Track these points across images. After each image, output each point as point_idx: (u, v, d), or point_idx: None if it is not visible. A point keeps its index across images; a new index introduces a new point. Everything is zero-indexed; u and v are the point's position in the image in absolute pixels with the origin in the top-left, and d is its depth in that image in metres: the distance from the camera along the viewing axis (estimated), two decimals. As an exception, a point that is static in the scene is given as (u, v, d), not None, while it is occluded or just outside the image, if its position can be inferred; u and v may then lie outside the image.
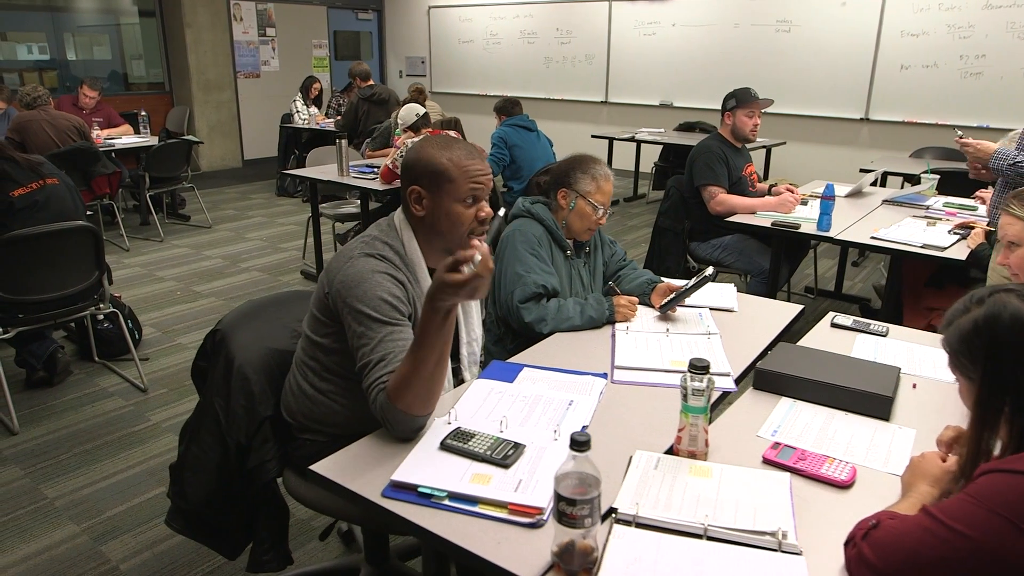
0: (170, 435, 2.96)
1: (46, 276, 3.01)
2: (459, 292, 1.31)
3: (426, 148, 1.64)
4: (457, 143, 1.66)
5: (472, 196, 1.63)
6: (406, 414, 1.43)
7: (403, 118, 4.29)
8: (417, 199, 1.64)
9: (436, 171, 1.61)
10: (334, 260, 1.64)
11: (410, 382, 1.40)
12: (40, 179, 3.03)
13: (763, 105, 3.78)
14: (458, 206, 1.62)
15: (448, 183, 1.61)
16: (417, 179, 1.64)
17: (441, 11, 10.03)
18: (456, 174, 1.61)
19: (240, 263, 5.26)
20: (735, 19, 7.76)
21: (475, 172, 1.62)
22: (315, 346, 1.69)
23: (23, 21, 8.11)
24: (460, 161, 1.61)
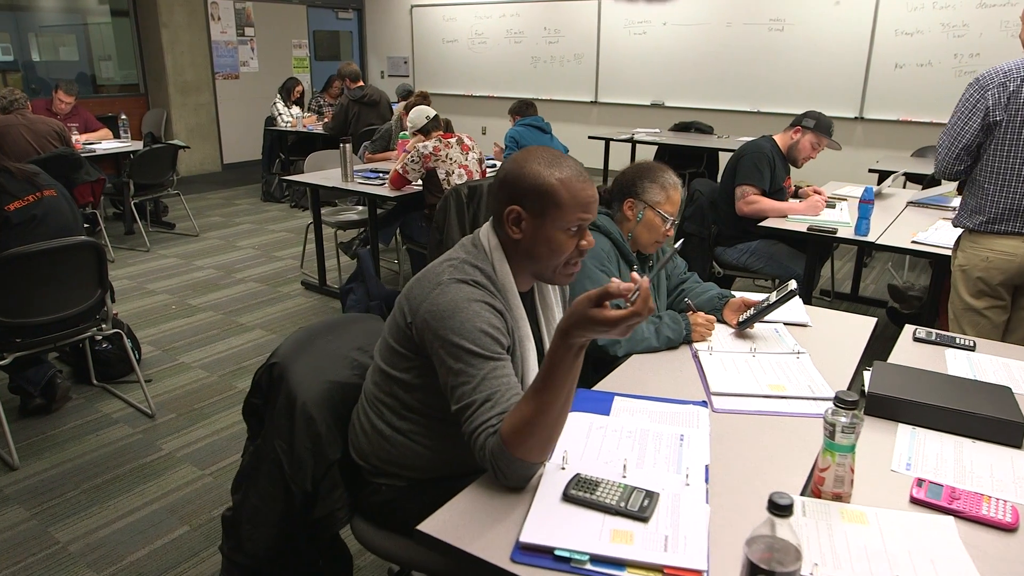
0: (187, 465, 2.74)
1: (46, 297, 2.77)
2: (609, 331, 1.15)
3: (532, 164, 1.45)
4: (565, 160, 1.48)
5: (578, 225, 1.45)
6: (524, 462, 1.26)
7: (412, 121, 4.10)
8: (515, 220, 1.46)
9: (543, 192, 1.42)
10: (415, 286, 1.46)
11: (533, 427, 1.23)
12: (37, 191, 2.79)
13: (831, 146, 3.67)
14: (561, 235, 1.44)
15: (555, 208, 1.42)
16: (519, 198, 1.45)
17: (424, 10, 9.82)
18: (565, 199, 1.42)
19: (234, 273, 5.02)
20: (727, 18, 7.69)
21: (586, 200, 1.44)
22: (392, 381, 1.51)
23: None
24: (572, 184, 1.43)
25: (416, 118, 4.09)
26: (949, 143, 2.51)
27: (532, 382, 1.29)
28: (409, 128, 4.12)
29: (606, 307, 1.15)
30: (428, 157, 3.89)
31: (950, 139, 2.50)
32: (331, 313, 4.26)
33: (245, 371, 3.53)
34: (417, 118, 4.09)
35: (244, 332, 4.00)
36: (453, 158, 3.93)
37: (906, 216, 3.70)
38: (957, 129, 2.48)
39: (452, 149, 3.94)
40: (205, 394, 3.30)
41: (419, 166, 3.91)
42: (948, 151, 2.52)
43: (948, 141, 2.51)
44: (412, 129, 4.10)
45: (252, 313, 4.28)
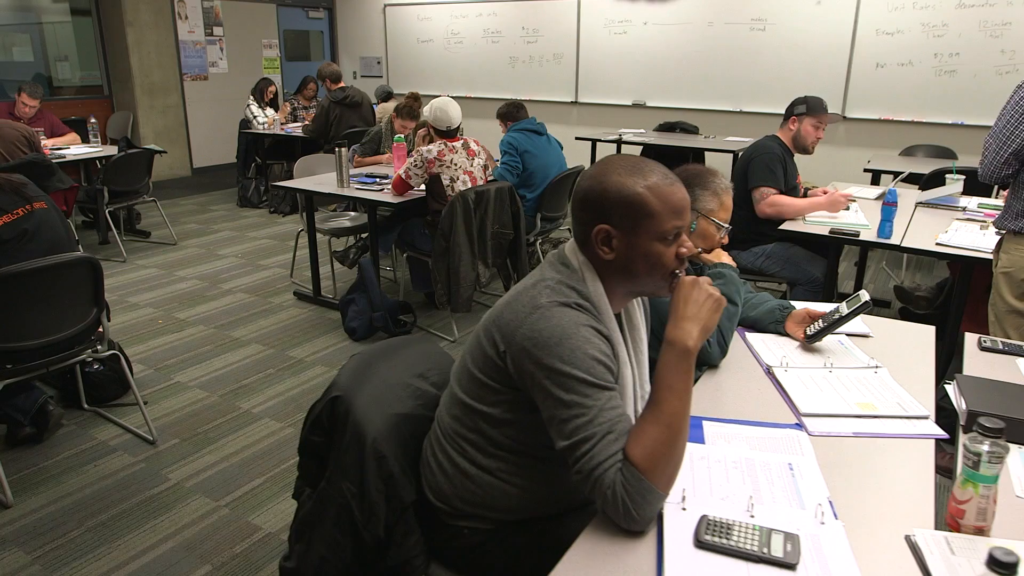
0: (198, 496, 2.55)
1: (39, 318, 2.55)
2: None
3: (612, 176, 1.32)
4: (646, 164, 1.36)
5: (675, 232, 1.33)
6: (659, 493, 1.17)
7: (437, 118, 3.84)
8: (605, 240, 1.33)
9: (631, 204, 1.30)
10: (506, 311, 1.32)
11: (668, 448, 1.18)
12: (26, 203, 2.57)
13: (832, 120, 3.61)
14: (659, 245, 1.32)
15: (647, 218, 1.30)
16: (606, 215, 1.32)
17: (397, 9, 9.61)
18: (658, 207, 1.30)
19: (220, 284, 4.79)
20: (708, 18, 7.66)
21: (678, 203, 1.32)
22: (477, 416, 1.37)
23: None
24: (661, 190, 1.31)
25: (441, 117, 3.84)
26: (997, 147, 2.45)
27: (648, 403, 1.22)
28: (428, 117, 3.89)
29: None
30: (432, 162, 3.73)
31: (998, 143, 2.45)
32: (328, 325, 4.07)
33: (247, 389, 3.34)
34: (442, 118, 3.84)
35: (239, 347, 3.79)
36: (458, 163, 3.78)
37: (919, 217, 3.66)
38: (1007, 133, 2.42)
39: (457, 154, 3.79)
40: (207, 416, 3.10)
41: (422, 171, 3.75)
42: (996, 155, 2.46)
43: (996, 145, 2.46)
44: (432, 123, 3.88)
45: (245, 326, 4.07)
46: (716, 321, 1.29)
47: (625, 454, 1.18)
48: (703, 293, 1.30)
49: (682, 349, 1.24)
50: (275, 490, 2.59)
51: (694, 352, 1.24)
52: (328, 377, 3.46)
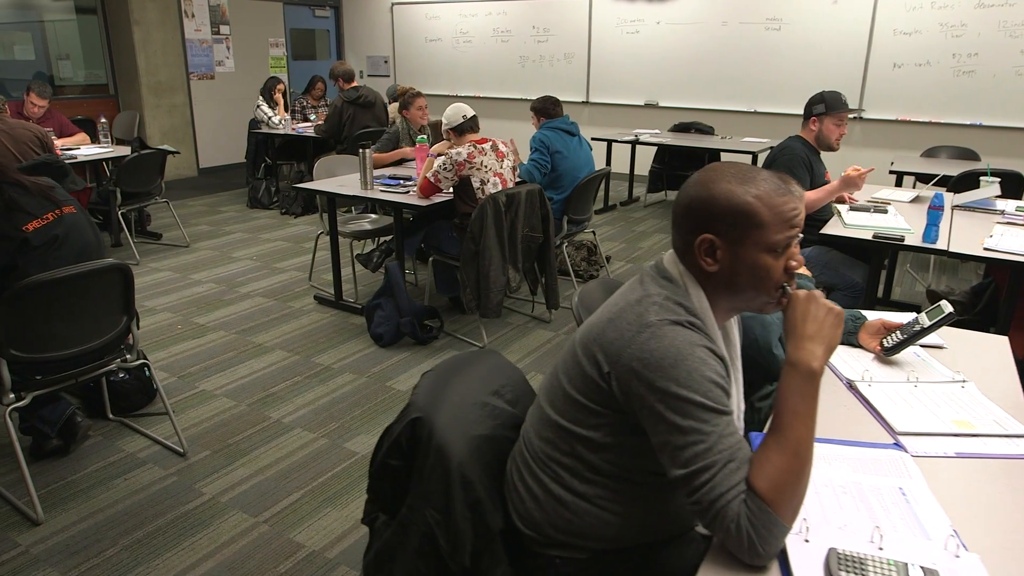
0: (236, 512, 2.46)
1: (70, 327, 2.45)
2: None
3: (720, 183, 1.24)
4: (757, 172, 1.28)
5: (786, 243, 1.25)
6: (786, 525, 1.10)
7: (449, 118, 3.80)
8: (709, 250, 1.25)
9: (739, 214, 1.22)
10: (609, 329, 1.24)
11: (798, 479, 1.11)
12: (55, 208, 2.47)
13: (854, 113, 3.54)
14: (767, 257, 1.24)
15: (756, 229, 1.22)
16: (711, 225, 1.24)
17: (405, 8, 9.52)
18: (768, 216, 1.22)
19: (237, 288, 4.69)
20: (723, 17, 7.59)
21: (790, 213, 1.24)
22: (575, 439, 1.29)
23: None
24: (771, 199, 1.23)
25: (452, 115, 3.80)
26: None
27: (771, 429, 1.15)
28: (444, 124, 3.84)
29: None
30: (462, 165, 3.64)
31: None
32: (352, 330, 3.98)
33: (275, 398, 3.24)
34: (453, 115, 3.80)
35: (263, 354, 3.70)
36: (488, 165, 3.69)
37: (957, 221, 3.59)
38: None
39: (487, 156, 3.70)
40: (237, 427, 3.01)
41: (452, 174, 3.66)
42: None
43: None
44: (446, 127, 3.82)
45: (267, 332, 3.97)
46: (839, 338, 1.21)
47: (749, 484, 1.11)
48: (822, 308, 1.21)
49: (807, 371, 1.16)
50: (314, 504, 2.50)
51: (820, 375, 1.16)
52: (358, 385, 3.36)
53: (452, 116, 3.79)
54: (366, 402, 3.21)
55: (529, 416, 1.42)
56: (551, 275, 3.98)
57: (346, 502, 2.52)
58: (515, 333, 3.98)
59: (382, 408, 3.16)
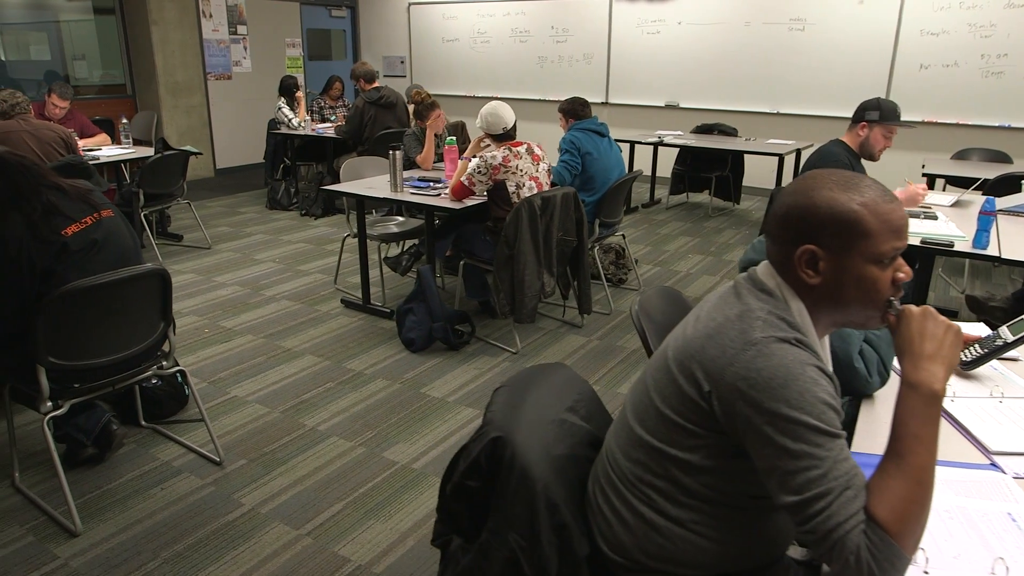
0: (277, 524, 2.39)
1: (109, 334, 2.40)
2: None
3: (822, 191, 1.17)
4: (860, 178, 1.20)
5: (893, 254, 1.18)
6: (909, 559, 1.03)
7: (488, 123, 3.69)
8: (811, 262, 1.18)
9: (845, 223, 1.14)
10: (708, 346, 1.17)
11: (921, 508, 1.05)
12: (94, 211, 2.41)
13: (904, 127, 3.45)
14: (874, 268, 1.16)
15: (863, 239, 1.15)
16: (813, 235, 1.16)
17: (422, 8, 9.46)
18: (875, 225, 1.15)
19: (262, 291, 4.63)
20: (746, 17, 7.51)
21: (899, 223, 1.16)
22: (668, 461, 1.22)
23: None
24: (878, 206, 1.15)
25: (493, 122, 3.66)
26: None
27: (890, 455, 1.09)
28: (479, 126, 3.75)
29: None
30: (497, 169, 3.57)
31: None
32: (382, 334, 3.92)
33: (309, 405, 3.18)
34: (494, 123, 3.66)
35: (293, 359, 3.64)
36: (523, 169, 3.63)
37: (1003, 226, 3.50)
38: None
39: (522, 160, 3.63)
40: (272, 434, 2.95)
41: (487, 177, 3.60)
42: None
43: None
44: (485, 131, 3.72)
45: (295, 336, 3.92)
46: (958, 357, 1.14)
47: (868, 513, 1.04)
48: (940, 325, 1.14)
49: (929, 394, 1.09)
50: (357, 516, 2.44)
51: (942, 397, 1.09)
52: (391, 392, 3.30)
53: (493, 123, 3.68)
54: (401, 409, 3.15)
55: (613, 434, 1.35)
56: (584, 279, 3.92)
57: (389, 514, 2.46)
58: (548, 339, 3.91)
59: (418, 416, 3.09)
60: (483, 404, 3.18)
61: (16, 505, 2.51)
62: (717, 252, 5.63)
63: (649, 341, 1.97)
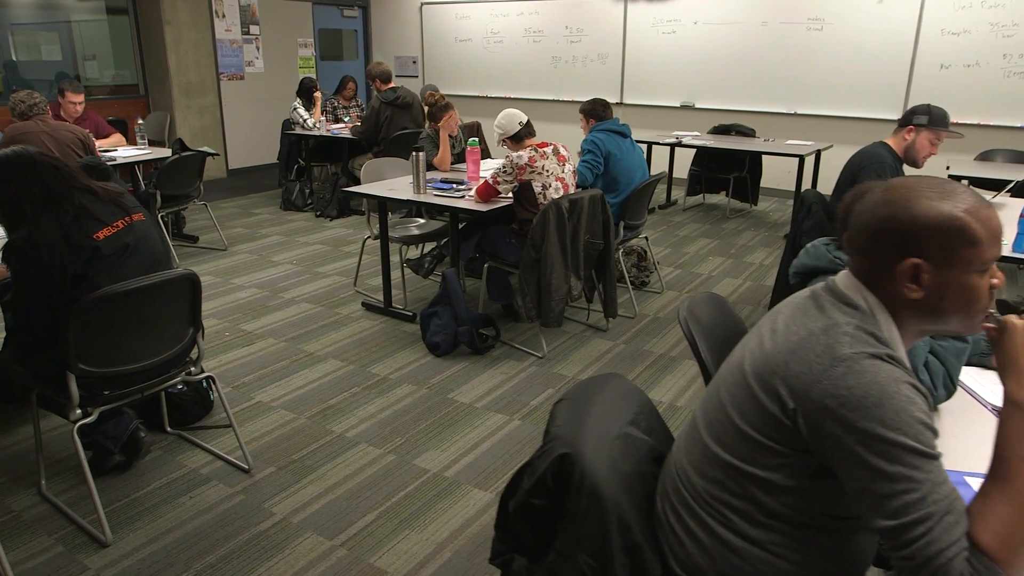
0: (310, 534, 2.35)
1: (139, 340, 2.35)
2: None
3: (921, 200, 1.11)
4: (955, 186, 1.14)
5: (993, 261, 1.13)
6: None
7: (503, 126, 3.70)
8: (913, 275, 1.12)
9: (952, 232, 1.09)
10: (792, 361, 1.11)
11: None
12: (125, 215, 2.36)
13: (951, 136, 3.38)
14: (976, 277, 1.11)
15: (970, 247, 1.09)
16: (917, 247, 1.10)
17: (435, 8, 9.41)
18: (982, 232, 1.09)
19: (281, 293, 4.59)
20: (763, 17, 7.44)
21: (998, 227, 1.12)
22: (748, 480, 1.17)
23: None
24: (980, 212, 1.10)
25: (507, 124, 3.69)
26: None
27: (993, 477, 1.04)
28: (498, 135, 3.74)
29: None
30: (523, 169, 3.52)
31: None
32: (405, 338, 3.87)
33: (336, 411, 3.13)
34: (508, 124, 3.69)
35: (317, 363, 3.59)
36: (549, 170, 3.57)
37: (1043, 229, 3.44)
38: None
39: (548, 160, 3.58)
40: (300, 441, 2.90)
41: (512, 178, 3.55)
42: None
43: None
44: (502, 136, 3.72)
45: (317, 340, 3.87)
46: None
47: (972, 540, 0.99)
48: None
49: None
50: (392, 526, 2.39)
51: None
52: (418, 397, 3.25)
53: (507, 125, 3.68)
54: (430, 415, 3.10)
55: (683, 450, 1.30)
56: (610, 283, 3.86)
57: (424, 524, 2.41)
58: (573, 343, 3.85)
59: (448, 422, 3.04)
60: (512, 410, 3.14)
61: (44, 514, 2.46)
62: (738, 254, 5.57)
63: (700, 349, 1.92)
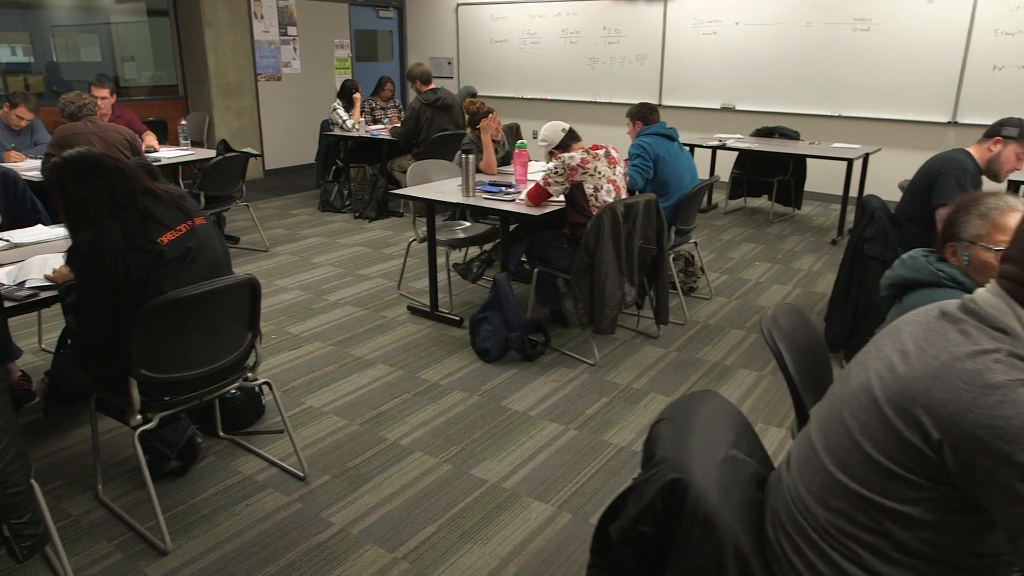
0: (370, 546, 2.29)
1: (200, 346, 2.32)
2: None
3: None
4: None
5: None
6: None
7: (547, 138, 3.66)
8: None
9: None
10: (938, 389, 1.03)
11: None
12: (188, 219, 2.33)
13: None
14: None
15: None
16: None
17: (470, 9, 9.37)
18: None
19: (325, 296, 4.56)
20: (807, 17, 7.30)
21: None
22: (882, 513, 1.08)
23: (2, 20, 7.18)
24: None
25: (551, 135, 3.66)
26: None
27: None
28: (543, 146, 3.69)
29: None
30: (575, 170, 3.45)
31: None
32: (453, 343, 3.82)
33: (388, 417, 3.09)
34: (552, 134, 3.66)
35: (365, 368, 3.55)
36: (601, 172, 3.50)
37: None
38: None
39: (600, 162, 3.51)
40: (354, 449, 2.86)
41: (564, 179, 3.48)
42: None
43: None
44: (548, 147, 3.67)
45: (364, 344, 3.83)
46: None
47: None
48: None
49: None
50: (453, 539, 2.33)
51: None
52: (471, 404, 3.19)
53: (551, 136, 3.69)
54: (484, 423, 3.04)
55: (799, 476, 1.22)
56: (663, 289, 3.78)
57: (486, 537, 2.35)
58: (624, 350, 3.77)
59: (502, 431, 2.98)
60: (567, 419, 3.07)
61: (101, 519, 2.44)
62: (785, 260, 5.45)
63: (788, 365, 1.84)
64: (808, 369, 1.81)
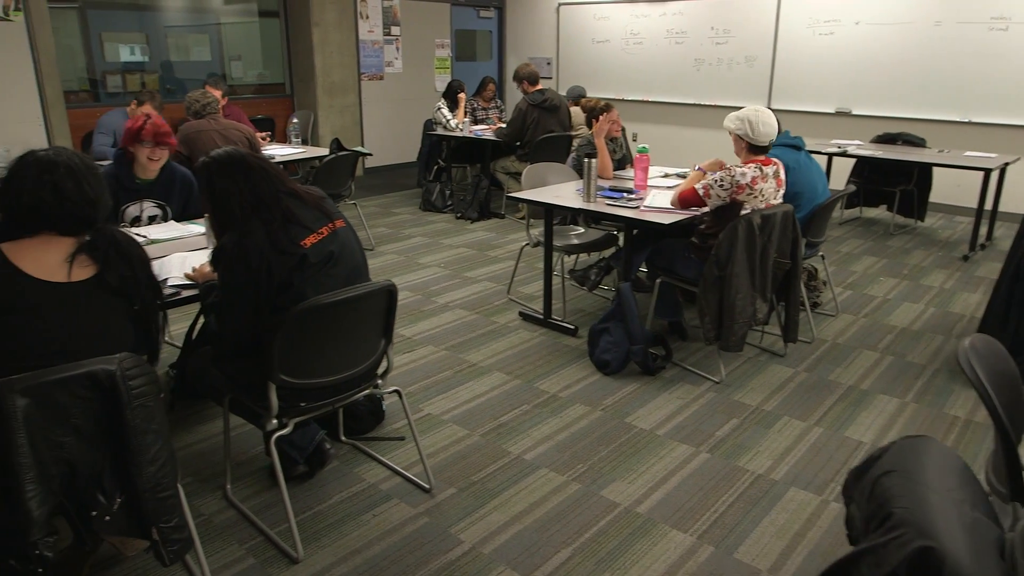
0: (503, 568, 2.19)
1: (337, 352, 2.27)
2: None
3: None
4: None
5: None
6: None
7: (756, 131, 3.24)
8: None
9: None
10: None
11: None
12: (329, 221, 2.29)
13: None
14: None
15: None
16: None
17: (572, 8, 9.24)
18: None
19: (434, 298, 4.52)
20: (937, 16, 6.83)
21: None
22: None
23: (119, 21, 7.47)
24: None
25: (764, 131, 3.26)
26: None
27: None
28: (735, 129, 3.29)
29: None
30: (742, 188, 3.20)
31: None
32: (568, 353, 3.69)
33: (509, 429, 2.99)
34: (764, 132, 3.26)
35: (481, 375, 3.47)
36: (767, 194, 3.28)
37: None
38: None
39: (768, 183, 3.28)
40: (478, 461, 2.77)
41: (727, 194, 3.24)
42: None
43: None
44: (741, 136, 3.29)
45: (478, 350, 3.75)
46: None
47: None
48: None
49: None
50: (589, 567, 2.21)
51: None
52: (594, 420, 3.06)
53: (759, 134, 3.27)
54: (610, 441, 2.91)
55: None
56: (794, 305, 3.55)
57: (624, 567, 2.21)
58: (750, 368, 3.57)
59: (630, 450, 2.84)
60: (697, 440, 2.90)
61: (232, 520, 2.43)
62: (912, 276, 5.09)
63: (994, 400, 1.63)
64: (1007, 404, 1.61)
